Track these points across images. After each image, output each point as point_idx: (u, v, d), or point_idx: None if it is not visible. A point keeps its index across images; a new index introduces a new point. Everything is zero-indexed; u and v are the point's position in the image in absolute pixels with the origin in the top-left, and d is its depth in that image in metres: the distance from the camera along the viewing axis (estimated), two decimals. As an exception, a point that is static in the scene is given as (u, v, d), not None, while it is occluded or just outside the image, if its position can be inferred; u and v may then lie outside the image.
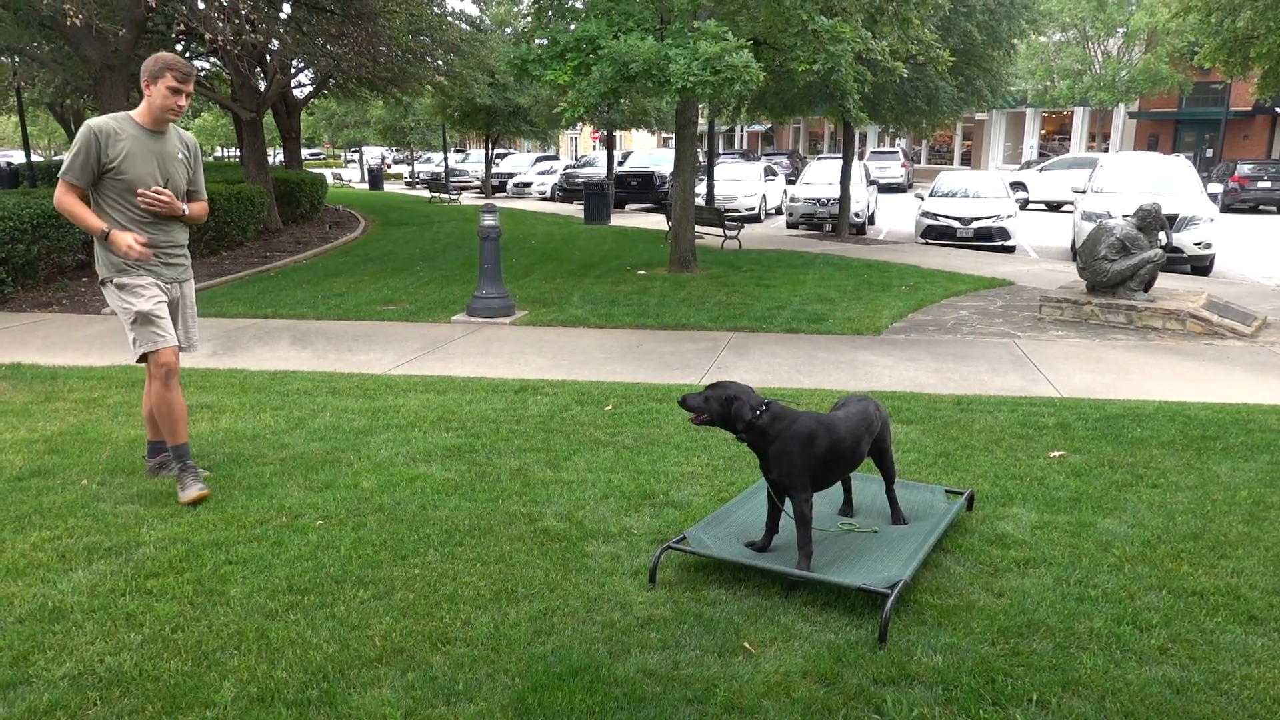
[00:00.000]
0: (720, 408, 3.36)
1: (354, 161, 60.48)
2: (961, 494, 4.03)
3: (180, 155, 4.38)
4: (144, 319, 4.23)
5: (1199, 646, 2.92)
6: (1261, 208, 26.56)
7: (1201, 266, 14.00)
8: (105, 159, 4.10)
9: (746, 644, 2.92)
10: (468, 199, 30.02)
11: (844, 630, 3.01)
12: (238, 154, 27.39)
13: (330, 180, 36.60)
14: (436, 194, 29.63)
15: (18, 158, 33.09)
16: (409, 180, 41.66)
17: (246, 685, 2.72)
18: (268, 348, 8.13)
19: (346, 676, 2.76)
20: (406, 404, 6.01)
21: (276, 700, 2.65)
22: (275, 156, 29.70)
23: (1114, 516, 4.01)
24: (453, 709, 2.61)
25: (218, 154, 59.67)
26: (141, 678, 2.77)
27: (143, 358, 4.31)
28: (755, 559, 3.33)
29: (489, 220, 9.29)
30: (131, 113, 4.24)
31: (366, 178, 40.71)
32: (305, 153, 60.71)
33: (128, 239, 4.13)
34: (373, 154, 56.94)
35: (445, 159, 35.16)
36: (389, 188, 38.22)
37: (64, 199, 4.16)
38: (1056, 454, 4.90)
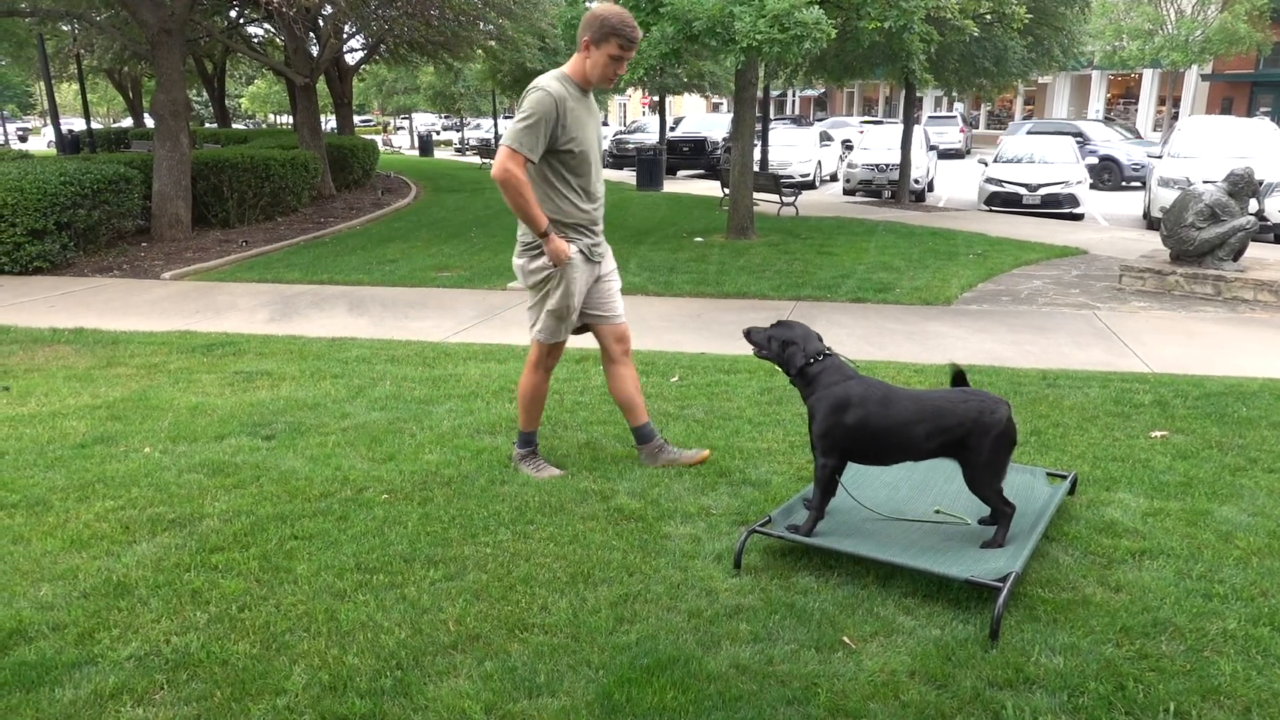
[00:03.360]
0: (779, 348, 3.39)
1: (403, 128, 60.48)
2: (1065, 476, 3.76)
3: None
4: (564, 314, 3.91)
5: (1349, 653, 2.64)
6: (1344, 174, 25.32)
7: (1288, 235, 13.32)
8: (560, 130, 3.63)
9: (845, 638, 2.71)
10: (518, 165, 29.76)
11: (950, 626, 2.78)
12: (291, 121, 27.46)
13: (380, 147, 36.68)
14: (487, 160, 29.48)
15: (78, 125, 33.60)
16: (459, 147, 41.58)
17: (318, 671, 2.58)
18: (324, 314, 8.05)
19: (421, 664, 2.61)
20: (467, 373, 5.86)
21: (349, 689, 2.50)
22: (328, 124, 29.79)
23: (1231, 504, 3.71)
24: (535, 704, 2.44)
25: (271, 120, 60.11)
26: (209, 660, 2.65)
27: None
28: (850, 545, 3.10)
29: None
30: (566, 70, 3.72)
31: (416, 144, 40.70)
32: (357, 119, 61.06)
33: (566, 250, 3.73)
34: (424, 121, 56.84)
35: (495, 125, 34.95)
36: (438, 154, 38.17)
37: (515, 174, 3.57)
38: (1158, 434, 4.59)
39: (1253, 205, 9.01)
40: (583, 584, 3.06)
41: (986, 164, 17.36)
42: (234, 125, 39.04)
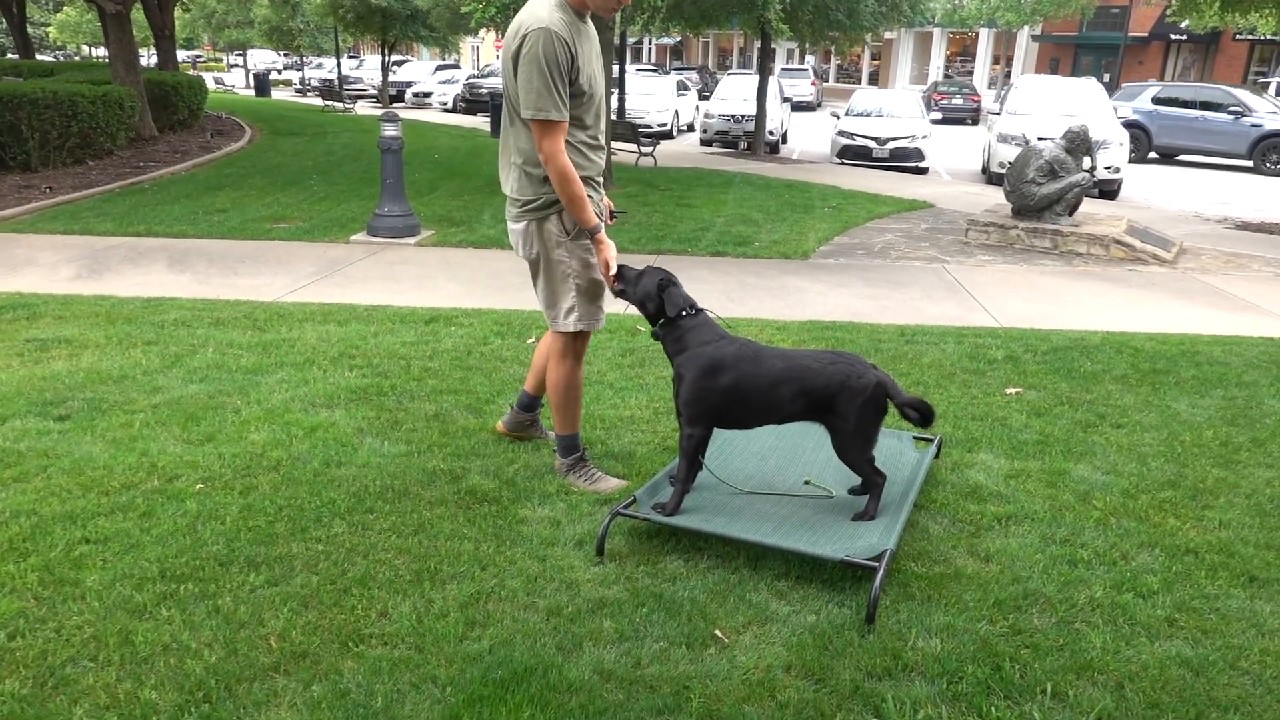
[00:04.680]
0: (652, 287, 3.06)
1: (238, 66, 56.24)
2: (930, 440, 3.70)
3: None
4: (597, 290, 3.28)
5: (1207, 616, 2.65)
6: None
7: (1110, 190, 14.11)
8: (575, 71, 2.99)
9: (718, 631, 2.52)
10: (363, 108, 28.28)
11: (825, 610, 2.63)
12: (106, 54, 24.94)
13: (212, 85, 34.03)
14: (330, 102, 27.81)
15: None
16: (299, 88, 39.08)
17: (104, 712, 2.17)
18: (140, 270, 7.24)
19: (234, 694, 2.24)
20: (303, 337, 5.34)
21: (144, 730, 2.12)
22: (149, 58, 27.26)
23: (1086, 462, 3.74)
24: (371, 733, 2.13)
25: (86, 53, 54.72)
26: (-34, 704, 2.19)
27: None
28: (720, 525, 2.90)
29: (390, 130, 8.46)
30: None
31: (252, 83, 38.00)
32: (182, 55, 56.38)
33: (611, 257, 3.14)
34: (265, 59, 52.91)
35: (338, 65, 33.00)
36: (277, 95, 35.76)
37: (557, 154, 2.97)
38: (1013, 391, 4.63)
39: (1086, 162, 9.37)
40: (429, 582, 2.74)
41: (838, 117, 17.60)
42: (40, 57, 35.24)
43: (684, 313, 3.05)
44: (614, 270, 3.15)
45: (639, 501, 3.04)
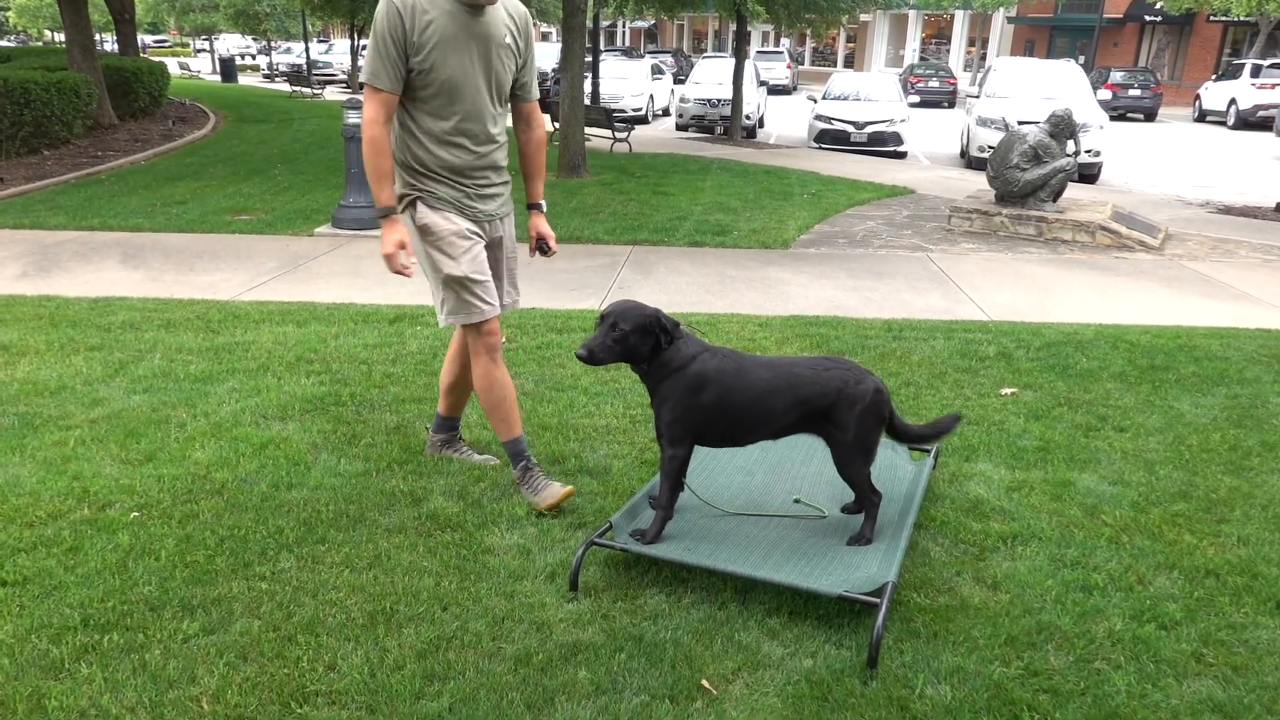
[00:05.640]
0: (627, 338, 2.69)
1: (205, 50, 55.01)
2: (927, 451, 3.46)
3: (509, 39, 3.04)
4: (457, 284, 3.07)
5: (1236, 650, 2.44)
6: (1130, 115, 27.22)
7: (1090, 174, 13.95)
8: (411, 45, 2.85)
9: (705, 682, 2.26)
10: (332, 94, 27.66)
11: (823, 651, 2.39)
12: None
13: (177, 71, 33.21)
14: (297, 88, 27.21)
15: None
16: (267, 73, 38.26)
17: (4, 798, 1.90)
18: (92, 267, 6.88)
19: (157, 771, 1.97)
20: (258, 340, 5.03)
21: (49, 821, 1.84)
22: (109, 44, 26.47)
23: (1091, 471, 3.52)
24: (311, 818, 1.86)
25: (49, 38, 53.33)
26: None
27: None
28: (706, 556, 2.65)
29: (354, 118, 8.10)
30: None
31: (218, 69, 37.15)
32: (148, 39, 55.10)
33: (390, 245, 2.95)
34: (235, 44, 51.65)
35: (306, 49, 32.27)
36: (244, 80, 34.97)
37: (371, 124, 2.89)
38: (1008, 391, 4.41)
39: (1070, 146, 9.17)
40: (383, 626, 2.47)
41: (815, 100, 17.34)
42: (-3, 42, 34.26)
43: (667, 342, 2.72)
44: (405, 255, 2.98)
45: (616, 527, 2.78)
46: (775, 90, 29.87)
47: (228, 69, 34.03)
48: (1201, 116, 26.84)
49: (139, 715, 2.13)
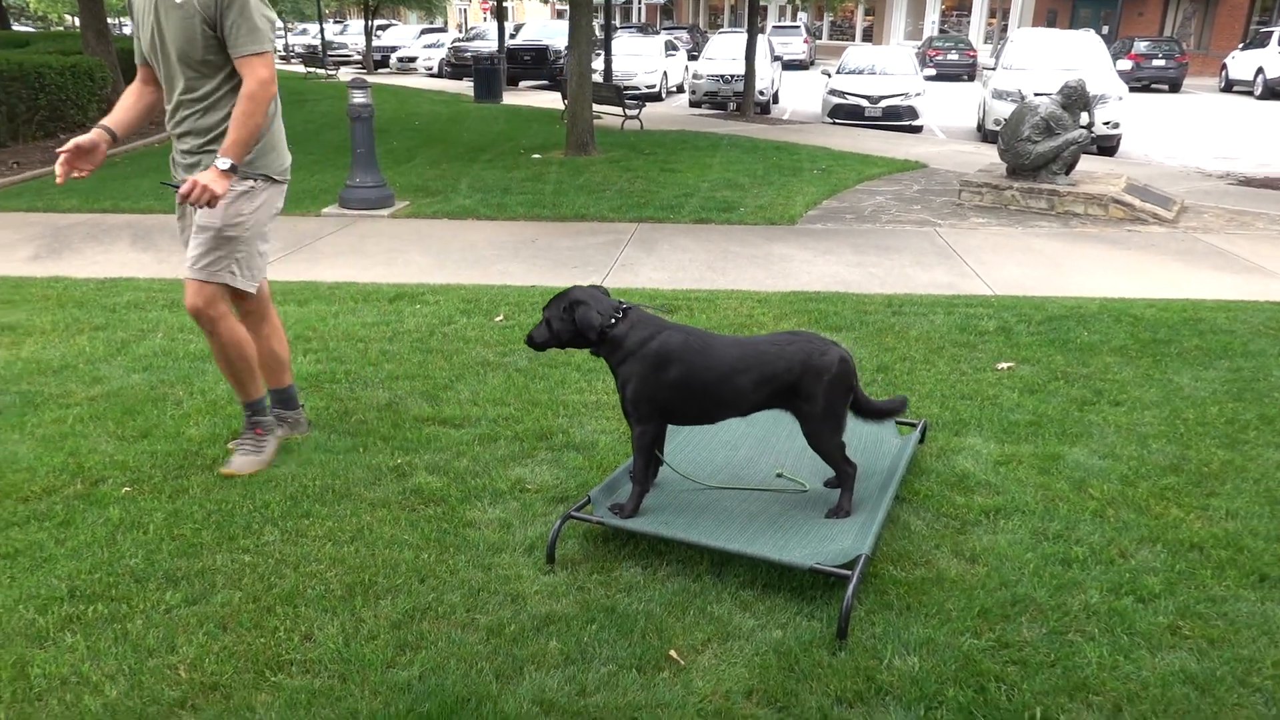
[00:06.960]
0: (567, 320, 2.71)
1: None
2: (914, 425, 3.45)
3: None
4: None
5: (1214, 623, 2.42)
6: (1154, 86, 26.73)
7: (1108, 146, 13.72)
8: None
9: (673, 652, 2.28)
10: (347, 74, 27.69)
11: (793, 623, 2.40)
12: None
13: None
14: (312, 69, 27.25)
15: None
16: (282, 54, 38.34)
17: (-19, 763, 1.95)
18: (102, 248, 6.96)
19: (131, 737, 2.02)
20: (258, 319, 5.06)
21: (23, 785, 1.89)
22: (125, 28, 26.58)
23: (1082, 444, 3.50)
24: (278, 782, 1.90)
25: (70, 23, 53.60)
26: None
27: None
28: (682, 529, 2.67)
29: (359, 97, 8.13)
30: None
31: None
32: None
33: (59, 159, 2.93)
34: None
35: (321, 30, 32.30)
36: (260, 62, 34.97)
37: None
38: (1004, 365, 4.38)
39: (1083, 118, 9.03)
40: (361, 598, 2.51)
41: (829, 75, 17.16)
42: (19, 28, 34.52)
43: (612, 319, 2.73)
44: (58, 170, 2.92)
45: (594, 502, 2.80)
46: (792, 65, 29.56)
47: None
48: (1228, 86, 26.30)
49: (118, 682, 2.17)
